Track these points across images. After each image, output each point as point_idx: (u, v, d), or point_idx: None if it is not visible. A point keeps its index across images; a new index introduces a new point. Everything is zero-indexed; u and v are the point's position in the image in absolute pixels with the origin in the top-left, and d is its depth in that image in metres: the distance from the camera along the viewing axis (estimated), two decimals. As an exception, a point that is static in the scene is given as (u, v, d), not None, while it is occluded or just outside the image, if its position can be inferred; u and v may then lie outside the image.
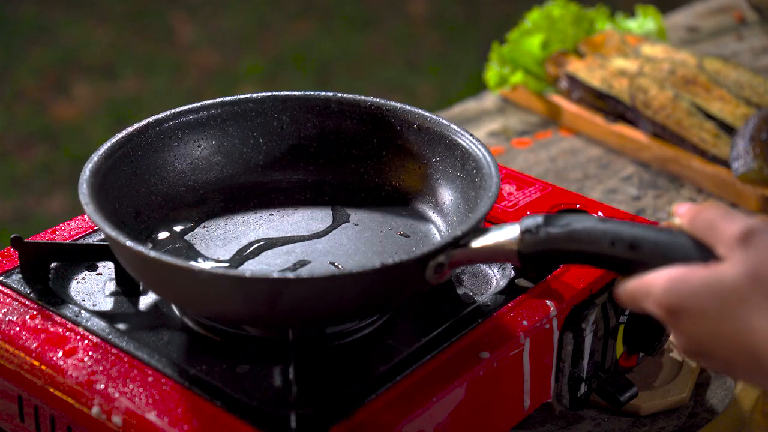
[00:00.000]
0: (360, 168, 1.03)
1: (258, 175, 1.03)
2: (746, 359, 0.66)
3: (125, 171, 0.94)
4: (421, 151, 1.00)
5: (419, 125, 1.00)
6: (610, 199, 1.37)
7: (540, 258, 0.80)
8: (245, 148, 1.02)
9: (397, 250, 0.93)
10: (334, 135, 1.03)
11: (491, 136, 1.52)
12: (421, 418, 0.81)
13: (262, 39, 3.64)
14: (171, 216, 0.97)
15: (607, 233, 0.76)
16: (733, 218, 0.68)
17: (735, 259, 0.66)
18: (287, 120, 1.03)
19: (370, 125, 1.02)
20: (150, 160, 0.97)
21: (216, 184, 1.01)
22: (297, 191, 1.02)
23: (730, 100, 1.44)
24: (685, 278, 0.68)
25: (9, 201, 2.81)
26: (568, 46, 1.60)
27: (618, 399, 0.96)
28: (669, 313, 0.68)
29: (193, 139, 1.00)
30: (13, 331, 0.87)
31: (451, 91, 3.24)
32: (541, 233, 0.79)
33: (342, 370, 0.84)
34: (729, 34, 1.86)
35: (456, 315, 0.90)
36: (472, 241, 0.83)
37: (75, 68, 3.39)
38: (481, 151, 0.94)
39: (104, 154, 0.92)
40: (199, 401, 0.80)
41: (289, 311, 0.80)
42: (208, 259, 0.92)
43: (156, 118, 0.98)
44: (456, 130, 0.97)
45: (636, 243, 0.75)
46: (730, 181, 1.36)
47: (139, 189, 0.96)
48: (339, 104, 1.03)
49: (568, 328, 0.92)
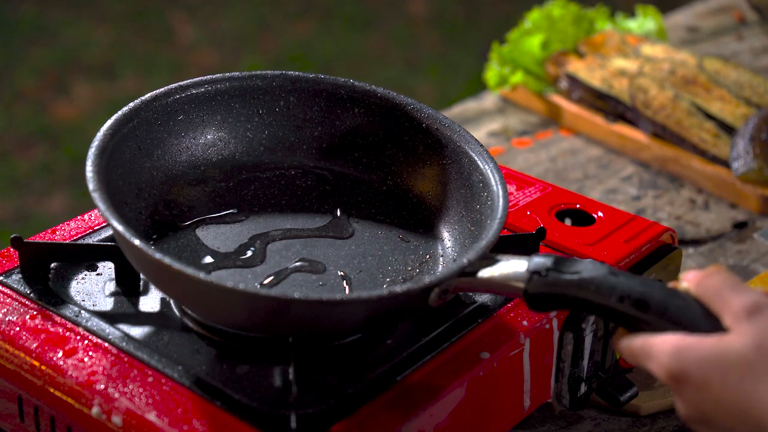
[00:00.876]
0: (363, 158, 1.01)
1: (260, 155, 1.01)
2: (748, 428, 0.67)
3: (131, 146, 0.93)
4: (428, 151, 0.98)
5: (428, 125, 0.98)
6: (610, 199, 1.37)
7: (546, 300, 0.78)
8: (249, 125, 1.01)
9: (397, 258, 0.93)
10: (339, 122, 1.01)
11: (491, 136, 1.52)
12: (421, 418, 0.81)
13: (262, 39, 3.64)
14: (171, 193, 0.96)
15: (617, 288, 0.75)
16: (741, 290, 0.70)
17: (741, 331, 0.68)
18: (294, 101, 1.01)
19: (378, 116, 1.00)
20: (155, 134, 0.96)
21: (217, 163, 1.00)
22: (298, 177, 1.01)
23: (730, 100, 1.44)
24: (691, 347, 0.69)
25: (9, 201, 2.81)
26: (568, 46, 1.60)
27: (618, 399, 0.96)
28: (672, 378, 0.69)
29: (199, 113, 0.98)
30: (13, 331, 0.87)
31: (451, 91, 3.24)
32: (549, 277, 0.78)
33: (342, 370, 0.84)
34: (729, 34, 1.86)
35: (456, 315, 0.90)
36: (479, 271, 0.81)
37: (75, 68, 3.39)
38: (489, 166, 0.92)
39: (111, 130, 0.90)
40: (199, 401, 0.80)
41: (291, 325, 0.80)
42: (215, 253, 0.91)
43: (163, 90, 0.96)
44: (466, 138, 0.95)
45: (644, 302, 0.74)
46: (730, 181, 1.36)
47: (144, 164, 0.94)
48: (349, 91, 1.01)
49: (568, 328, 0.92)
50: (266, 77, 1.00)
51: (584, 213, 1.06)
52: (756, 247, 1.29)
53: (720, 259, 1.27)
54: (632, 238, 1.01)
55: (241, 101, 1.00)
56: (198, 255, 0.91)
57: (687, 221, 1.34)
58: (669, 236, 1.03)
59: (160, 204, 0.95)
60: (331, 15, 3.78)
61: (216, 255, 0.91)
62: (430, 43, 3.63)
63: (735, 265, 1.25)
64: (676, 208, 1.36)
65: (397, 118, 0.99)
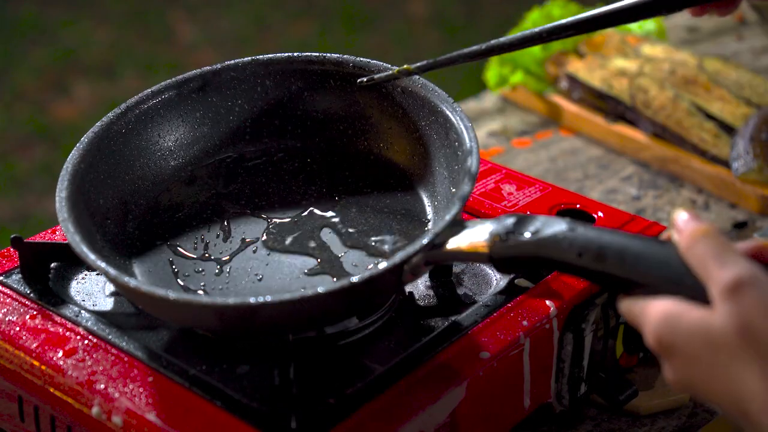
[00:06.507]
0: (348, 130, 1.00)
1: (245, 144, 1.01)
2: (734, 409, 0.66)
3: (107, 163, 0.93)
4: (407, 115, 0.97)
5: (403, 87, 0.97)
6: (610, 200, 1.37)
7: (511, 263, 0.78)
8: (231, 116, 1.00)
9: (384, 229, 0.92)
10: (319, 97, 1.01)
11: (491, 136, 1.52)
12: (421, 418, 0.81)
13: (262, 39, 3.64)
14: (161, 198, 0.96)
15: (575, 244, 0.73)
16: (725, 262, 0.67)
17: (723, 310, 0.66)
18: (271, 85, 1.01)
19: (354, 86, 0.99)
20: (133, 145, 0.95)
21: (204, 159, 0.99)
22: (285, 161, 1.00)
23: (730, 100, 1.44)
24: (680, 316, 0.67)
25: (9, 201, 2.81)
26: (568, 46, 1.60)
27: (618, 399, 0.96)
28: (661, 346, 0.68)
29: (176, 115, 0.98)
30: (13, 331, 0.87)
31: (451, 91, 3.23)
32: (510, 240, 0.77)
33: (342, 370, 0.84)
34: (729, 34, 1.86)
35: (456, 315, 0.90)
36: (447, 242, 0.81)
37: (75, 68, 3.39)
38: (462, 123, 0.91)
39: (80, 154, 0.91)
40: (199, 401, 0.80)
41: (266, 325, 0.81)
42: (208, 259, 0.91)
43: (135, 99, 0.96)
44: (440, 96, 0.94)
45: (602, 255, 0.72)
46: (730, 181, 1.36)
47: (124, 176, 0.94)
48: (321, 65, 1.00)
49: (568, 328, 0.92)
50: (238, 66, 1.00)
51: (584, 213, 1.06)
52: (756, 247, 1.29)
53: (720, 259, 1.27)
54: (632, 238, 1.01)
55: (217, 94, 1.00)
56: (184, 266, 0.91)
57: (687, 221, 1.33)
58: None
59: (150, 212, 0.95)
60: (331, 15, 3.78)
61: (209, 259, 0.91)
62: (430, 43, 3.63)
63: (735, 265, 1.25)
64: (676, 208, 1.36)
65: (373, 84, 0.98)
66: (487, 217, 1.04)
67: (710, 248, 0.68)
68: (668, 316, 0.68)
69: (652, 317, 0.69)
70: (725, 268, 0.66)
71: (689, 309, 0.67)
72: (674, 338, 0.67)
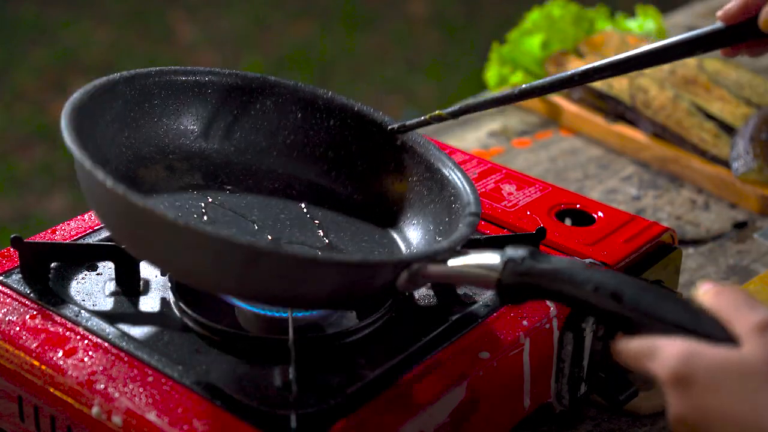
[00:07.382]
0: (332, 171, 1.00)
1: (230, 155, 0.99)
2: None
3: (105, 116, 0.92)
4: (400, 169, 0.98)
5: (403, 142, 0.97)
6: (610, 199, 1.37)
7: (519, 290, 0.77)
8: (222, 123, 1.00)
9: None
10: (313, 132, 1.00)
11: (491, 136, 1.52)
12: (421, 418, 0.81)
13: (262, 39, 3.64)
14: (137, 174, 0.94)
15: (592, 279, 0.74)
16: (756, 307, 0.70)
17: (756, 343, 0.68)
18: (271, 105, 1.00)
19: (352, 130, 0.99)
20: (129, 111, 0.94)
21: (186, 154, 0.98)
22: (267, 179, 0.99)
23: (730, 100, 1.44)
24: (701, 354, 0.69)
25: (9, 201, 2.81)
26: (568, 46, 1.60)
27: (618, 399, 0.96)
28: (677, 380, 0.69)
29: (175, 101, 0.98)
30: (13, 331, 0.87)
31: (450, 91, 3.24)
32: (524, 264, 0.77)
33: (342, 370, 0.84)
34: (729, 34, 1.85)
35: (456, 315, 0.90)
36: (450, 259, 0.81)
37: (75, 68, 3.39)
38: (461, 180, 0.92)
39: (88, 93, 0.90)
40: (199, 401, 0.80)
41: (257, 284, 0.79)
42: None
43: (144, 71, 0.96)
44: (439, 157, 0.95)
45: (619, 293, 0.73)
46: (730, 181, 1.36)
47: (115, 138, 0.93)
48: (326, 102, 1.00)
49: (568, 328, 0.92)
50: (246, 77, 1.00)
51: (584, 213, 1.06)
52: (756, 247, 1.29)
53: (720, 259, 1.27)
54: (632, 238, 1.01)
55: (217, 96, 0.99)
56: None
57: (687, 221, 1.34)
58: (669, 236, 1.04)
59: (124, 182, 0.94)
60: (331, 15, 3.78)
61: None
62: (430, 43, 3.63)
63: (735, 265, 1.26)
64: (676, 208, 1.36)
65: (372, 133, 0.99)
66: (487, 217, 1.04)
67: (740, 296, 0.71)
68: (688, 352, 0.69)
69: (668, 352, 0.69)
70: (756, 312, 0.69)
71: (711, 348, 0.69)
72: (694, 371, 0.68)
